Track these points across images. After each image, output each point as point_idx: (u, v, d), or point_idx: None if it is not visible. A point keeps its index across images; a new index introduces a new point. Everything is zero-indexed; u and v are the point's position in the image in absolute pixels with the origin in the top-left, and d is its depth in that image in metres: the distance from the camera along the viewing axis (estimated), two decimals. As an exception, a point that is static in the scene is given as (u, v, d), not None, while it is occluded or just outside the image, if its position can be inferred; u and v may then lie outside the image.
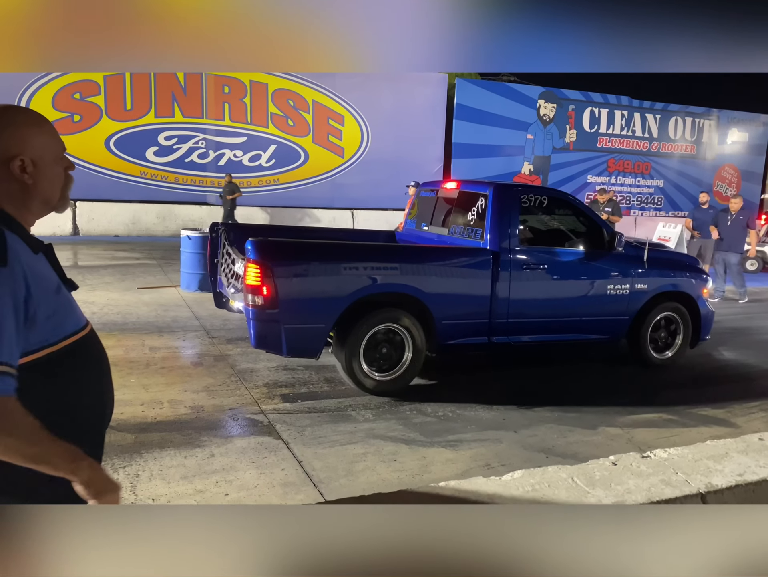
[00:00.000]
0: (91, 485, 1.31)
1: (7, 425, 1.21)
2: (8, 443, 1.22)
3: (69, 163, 1.44)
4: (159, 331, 6.29)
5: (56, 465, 1.28)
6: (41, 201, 1.40)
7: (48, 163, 1.38)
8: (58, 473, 1.30)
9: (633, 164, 19.64)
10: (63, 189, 1.44)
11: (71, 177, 1.46)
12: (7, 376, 1.22)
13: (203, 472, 3.49)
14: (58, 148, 1.41)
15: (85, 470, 1.30)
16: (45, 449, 1.27)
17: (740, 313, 9.16)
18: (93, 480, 1.31)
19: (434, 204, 6.26)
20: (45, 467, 1.28)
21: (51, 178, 1.40)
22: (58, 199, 1.44)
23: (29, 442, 1.24)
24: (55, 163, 1.40)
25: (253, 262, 4.41)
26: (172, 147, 14.75)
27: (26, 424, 1.24)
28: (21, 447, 1.24)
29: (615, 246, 5.59)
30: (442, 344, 5.10)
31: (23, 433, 1.23)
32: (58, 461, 1.28)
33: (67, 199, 1.46)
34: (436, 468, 3.72)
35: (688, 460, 2.10)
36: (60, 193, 1.43)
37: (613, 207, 10.69)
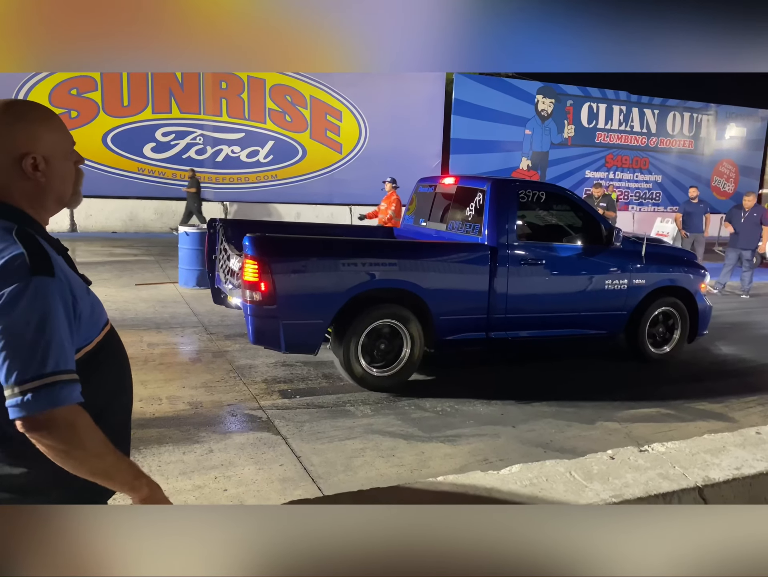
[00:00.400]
0: (149, 502, 1.32)
1: (80, 437, 1.20)
2: (80, 456, 1.21)
3: (78, 157, 1.40)
4: (157, 327, 6.29)
5: (120, 481, 1.28)
6: (55, 199, 1.37)
7: (59, 159, 1.34)
8: (117, 489, 1.30)
9: (631, 160, 19.65)
10: (75, 184, 1.40)
11: (81, 171, 1.43)
12: (75, 383, 1.21)
13: (202, 468, 3.49)
14: (67, 143, 1.37)
15: (145, 488, 1.31)
16: (111, 463, 1.26)
17: (738, 308, 9.18)
18: (151, 498, 1.32)
19: (432, 200, 6.25)
20: (109, 483, 1.28)
21: (63, 174, 1.36)
22: (71, 195, 1.40)
23: (98, 455, 1.23)
24: (66, 159, 1.36)
25: (251, 258, 4.40)
26: (170, 143, 14.72)
27: (96, 436, 1.23)
28: (91, 461, 1.23)
29: (613, 241, 5.60)
30: (440, 340, 5.11)
31: (94, 446, 1.23)
32: (123, 477, 1.28)
33: (79, 195, 1.43)
34: (435, 463, 3.72)
35: (686, 454, 2.11)
36: (72, 188, 1.40)
37: (608, 202, 10.70)
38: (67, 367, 1.20)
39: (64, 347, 1.21)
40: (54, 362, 1.18)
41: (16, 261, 1.19)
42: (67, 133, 1.37)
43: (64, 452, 1.20)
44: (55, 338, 1.19)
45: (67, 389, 1.19)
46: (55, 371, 1.18)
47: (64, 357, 1.21)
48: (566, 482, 1.86)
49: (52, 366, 1.18)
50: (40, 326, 1.18)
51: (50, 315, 1.19)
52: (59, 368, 1.19)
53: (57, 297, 1.22)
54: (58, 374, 1.18)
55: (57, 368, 1.18)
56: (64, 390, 1.18)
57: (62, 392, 1.18)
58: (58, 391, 1.18)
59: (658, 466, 1.99)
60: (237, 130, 15.22)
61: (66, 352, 1.22)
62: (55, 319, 1.20)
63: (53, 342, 1.19)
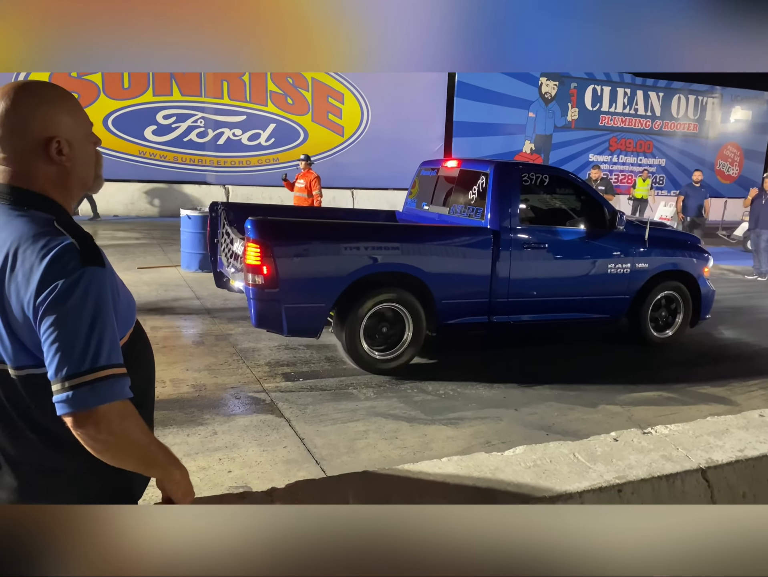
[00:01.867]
0: (180, 486, 1.32)
1: (130, 431, 1.19)
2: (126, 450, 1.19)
3: (97, 138, 1.34)
4: (160, 311, 6.30)
5: (157, 467, 1.27)
6: (80, 184, 1.32)
7: (82, 141, 1.29)
8: (151, 474, 1.29)
9: (635, 143, 19.49)
10: (96, 167, 1.35)
11: (100, 153, 1.37)
12: (126, 377, 1.19)
13: (206, 449, 3.51)
14: (87, 125, 1.31)
15: (176, 472, 1.30)
16: (152, 452, 1.25)
17: (741, 292, 9.16)
18: (182, 482, 1.32)
19: (435, 183, 6.22)
20: (147, 471, 1.28)
21: (86, 157, 1.31)
22: (93, 179, 1.36)
23: (143, 447, 1.22)
24: (87, 141, 1.31)
25: (253, 242, 4.39)
26: (171, 126, 14.61)
27: (142, 429, 1.22)
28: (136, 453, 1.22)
29: (616, 225, 5.58)
30: (442, 324, 5.11)
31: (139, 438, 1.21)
32: (160, 463, 1.27)
33: (101, 178, 1.37)
34: (437, 445, 3.74)
35: (689, 436, 2.11)
36: (94, 172, 1.35)
37: (606, 185, 10.64)
38: (119, 361, 1.18)
39: (115, 340, 1.18)
40: (107, 356, 1.15)
41: (67, 252, 1.15)
42: (85, 114, 1.32)
43: (112, 446, 1.17)
44: (107, 331, 1.16)
45: (120, 383, 1.17)
46: (107, 365, 1.15)
47: (116, 351, 1.18)
48: (570, 463, 1.87)
49: (105, 360, 1.15)
50: (94, 318, 1.15)
51: (103, 307, 1.16)
52: (111, 362, 1.16)
53: (107, 289, 1.19)
54: (110, 367, 1.16)
55: (110, 362, 1.16)
56: (117, 385, 1.16)
57: (116, 386, 1.16)
58: (111, 385, 1.15)
59: (661, 448, 2.00)
60: (238, 112, 15.11)
61: (117, 345, 1.19)
62: (108, 311, 1.17)
63: (106, 335, 1.16)
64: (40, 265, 1.13)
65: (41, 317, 1.13)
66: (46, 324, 1.13)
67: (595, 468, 1.84)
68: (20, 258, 1.15)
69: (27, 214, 1.21)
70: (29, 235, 1.17)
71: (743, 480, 1.95)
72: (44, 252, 1.14)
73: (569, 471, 1.81)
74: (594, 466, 1.85)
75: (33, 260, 1.14)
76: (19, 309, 1.15)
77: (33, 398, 1.22)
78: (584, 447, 1.99)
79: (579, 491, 1.71)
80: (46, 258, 1.14)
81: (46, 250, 1.15)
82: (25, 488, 1.29)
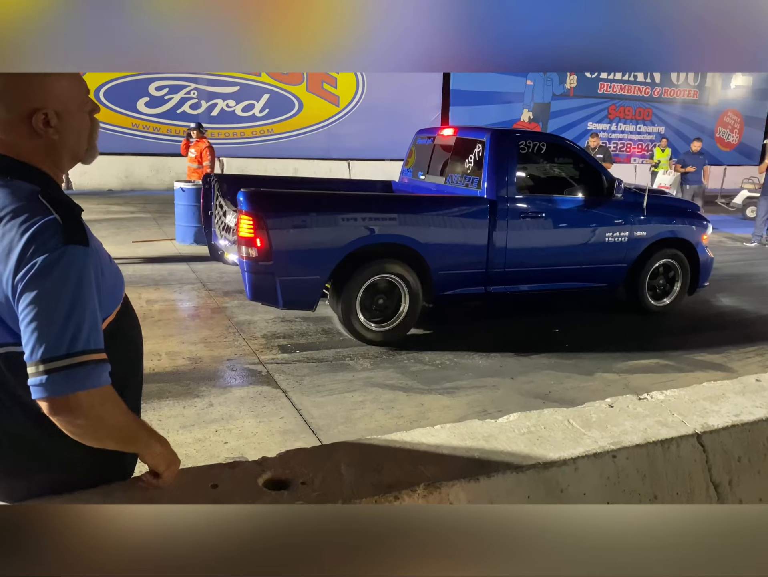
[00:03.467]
0: (163, 458, 1.31)
1: (108, 417, 1.16)
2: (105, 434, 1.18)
3: (93, 105, 1.27)
4: (155, 284, 6.26)
5: (137, 444, 1.26)
6: (70, 155, 1.26)
7: (73, 111, 1.21)
8: (132, 450, 1.28)
9: (634, 111, 19.25)
10: (90, 137, 1.29)
11: (97, 122, 1.29)
12: (106, 363, 1.15)
13: (202, 421, 3.51)
14: (81, 93, 1.23)
15: (156, 445, 1.29)
16: (132, 431, 1.24)
17: (740, 259, 9.13)
18: (163, 453, 1.31)
19: (431, 152, 6.13)
20: (128, 449, 1.27)
21: (78, 128, 1.24)
22: (86, 150, 1.29)
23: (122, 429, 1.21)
24: (80, 110, 1.23)
25: (246, 214, 4.34)
26: (163, 98, 14.39)
27: (122, 411, 1.20)
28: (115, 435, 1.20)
29: (614, 193, 5.52)
30: (438, 295, 5.08)
31: (119, 421, 1.19)
32: (140, 439, 1.26)
33: (95, 149, 1.31)
34: (434, 415, 3.75)
35: (685, 401, 2.10)
36: (87, 142, 1.28)
37: (605, 153, 10.52)
38: (98, 346, 1.13)
39: (95, 324, 1.13)
40: (85, 340, 1.10)
41: (49, 228, 1.10)
42: (81, 81, 1.24)
43: (90, 431, 1.15)
44: (87, 314, 1.11)
45: (98, 369, 1.12)
46: (86, 350, 1.10)
47: (95, 336, 1.13)
48: (564, 429, 1.85)
49: (84, 344, 1.10)
50: (74, 300, 1.10)
51: (84, 288, 1.11)
52: (90, 347, 1.11)
53: (90, 269, 1.13)
54: (89, 353, 1.11)
55: (88, 347, 1.11)
56: (95, 371, 1.12)
57: (93, 373, 1.11)
58: (89, 372, 1.11)
59: (656, 413, 1.99)
60: (231, 83, 14.87)
61: (98, 330, 1.14)
62: (89, 292, 1.12)
63: (86, 318, 1.11)
64: (20, 241, 1.09)
65: (19, 294, 1.09)
66: (24, 303, 1.08)
67: (589, 434, 1.82)
68: (0, 232, 1.10)
69: (10, 184, 1.16)
70: (10, 209, 1.12)
71: (739, 445, 1.94)
72: (25, 227, 1.10)
73: (563, 437, 1.79)
74: (588, 432, 1.84)
75: (13, 235, 1.10)
76: None
77: (14, 375, 1.19)
78: (579, 414, 1.97)
79: (573, 457, 1.69)
80: (27, 233, 1.09)
81: (28, 225, 1.10)
82: (12, 466, 1.27)
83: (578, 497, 1.68)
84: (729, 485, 1.91)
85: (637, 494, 1.76)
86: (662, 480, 1.80)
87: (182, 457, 1.41)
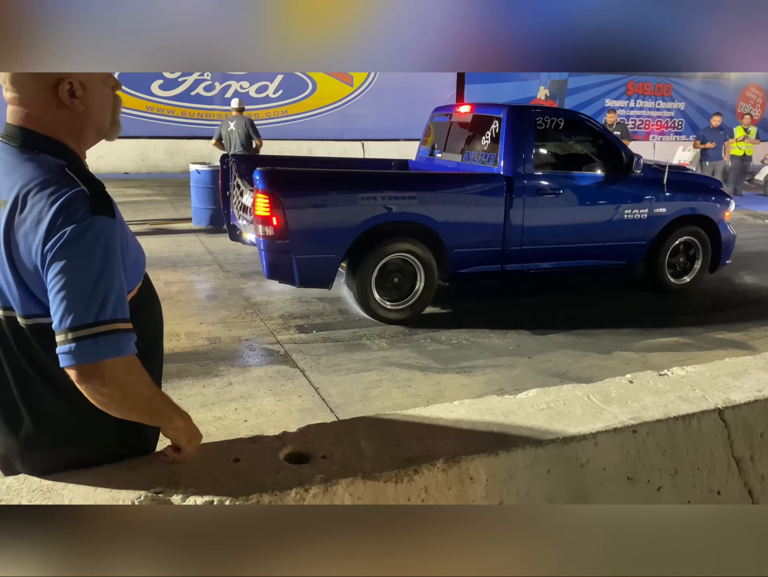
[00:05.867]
0: (185, 432, 1.33)
1: (135, 386, 1.18)
2: (130, 404, 1.19)
3: (116, 81, 1.27)
4: (173, 266, 6.31)
5: (161, 418, 1.27)
6: (95, 129, 1.26)
7: (97, 84, 1.21)
8: (156, 423, 1.29)
9: (653, 87, 18.85)
10: (113, 113, 1.28)
11: (120, 98, 1.31)
12: (132, 332, 1.16)
13: (222, 400, 3.55)
14: None
15: (178, 420, 1.30)
16: (156, 404, 1.25)
17: (762, 237, 8.97)
18: (185, 428, 1.32)
19: (448, 130, 6.07)
20: (152, 421, 1.28)
21: (102, 101, 1.24)
22: (110, 126, 1.29)
23: (147, 399, 1.22)
24: (104, 84, 1.24)
25: (262, 193, 4.35)
26: (177, 80, 14.36)
27: (147, 382, 1.21)
28: (140, 406, 1.21)
29: (633, 169, 5.43)
30: (454, 273, 5.07)
31: (144, 391, 1.21)
32: (164, 413, 1.27)
33: (118, 125, 1.31)
34: (450, 393, 3.75)
35: (706, 377, 2.08)
36: (111, 117, 1.28)
37: (622, 130, 10.34)
38: (125, 315, 1.15)
39: (122, 293, 1.15)
40: (113, 309, 1.12)
41: (77, 199, 1.11)
42: None
43: (117, 399, 1.16)
44: (115, 284, 1.13)
45: (125, 338, 1.14)
46: (113, 319, 1.12)
47: (122, 305, 1.15)
48: (584, 405, 1.84)
49: (111, 313, 1.12)
50: (102, 269, 1.11)
51: (112, 259, 1.13)
52: (117, 316, 1.13)
53: (117, 240, 1.15)
54: (116, 321, 1.12)
55: (116, 316, 1.12)
56: (122, 340, 1.13)
57: (121, 341, 1.13)
58: (117, 339, 1.12)
59: (677, 389, 1.97)
60: (245, 64, 14.78)
61: (124, 299, 1.16)
62: (116, 263, 1.14)
63: (113, 288, 1.12)
64: (49, 211, 1.10)
65: (48, 264, 1.10)
66: (53, 272, 1.10)
67: (609, 409, 1.81)
68: (29, 203, 1.11)
69: (37, 158, 1.16)
70: (39, 181, 1.13)
71: (761, 420, 1.92)
72: (54, 198, 1.11)
73: (583, 413, 1.78)
74: (608, 407, 1.83)
75: (42, 206, 1.10)
76: (27, 256, 1.12)
77: (42, 347, 1.20)
78: (598, 389, 1.96)
79: (593, 432, 1.68)
80: (56, 204, 1.10)
81: (56, 196, 1.11)
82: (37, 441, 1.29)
83: (598, 471, 1.68)
84: (751, 461, 1.90)
85: (657, 468, 1.75)
86: (683, 456, 1.79)
87: (203, 435, 1.43)
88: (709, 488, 1.82)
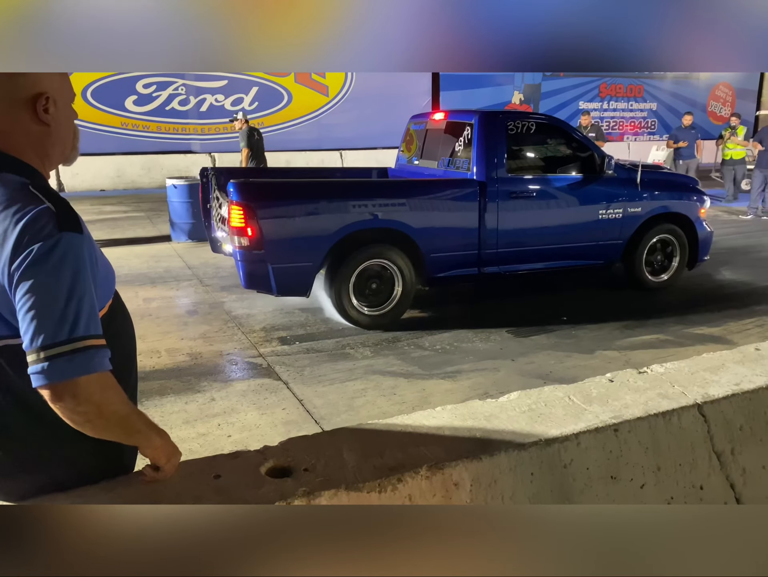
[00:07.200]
0: (163, 451, 1.30)
1: (110, 403, 1.15)
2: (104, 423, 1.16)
3: (74, 111, 1.29)
4: (152, 282, 6.25)
5: (137, 436, 1.25)
6: (60, 149, 1.25)
7: (66, 104, 1.23)
8: (132, 443, 1.26)
9: (625, 88, 19.16)
10: (74, 138, 1.30)
11: (77, 126, 1.31)
12: (106, 348, 1.14)
13: (205, 416, 3.51)
14: (72, 91, 1.26)
15: (156, 438, 1.28)
16: (133, 422, 1.22)
17: (737, 232, 9.13)
18: (163, 447, 1.30)
19: (424, 137, 6.10)
20: (128, 440, 1.25)
21: (68, 121, 1.25)
22: (70, 150, 1.30)
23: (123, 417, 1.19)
24: (71, 104, 1.26)
25: (236, 204, 4.35)
26: (152, 95, 14.28)
27: (122, 400, 1.18)
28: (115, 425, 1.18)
29: (605, 169, 5.49)
30: (432, 277, 5.10)
31: (120, 409, 1.18)
32: (140, 431, 1.24)
33: (77, 150, 1.31)
34: (436, 399, 3.75)
35: (685, 373, 2.10)
36: (72, 140, 1.29)
37: (597, 132, 10.48)
38: (97, 332, 1.12)
39: (94, 310, 1.13)
40: (85, 326, 1.10)
41: (43, 216, 1.09)
42: (69, 80, 1.27)
43: (92, 418, 1.13)
44: (86, 300, 1.11)
45: (100, 354, 1.11)
46: (87, 335, 1.10)
47: (95, 321, 1.12)
48: (565, 406, 1.85)
49: (84, 330, 1.09)
50: (72, 285, 1.09)
51: (81, 275, 1.11)
52: (90, 332, 1.10)
53: (86, 256, 1.13)
54: (89, 338, 1.10)
55: (88, 332, 1.10)
56: (96, 356, 1.11)
57: (95, 357, 1.10)
58: (91, 356, 1.10)
59: (657, 386, 1.99)
60: (219, 78, 14.75)
61: (96, 315, 1.13)
62: (86, 279, 1.12)
63: (84, 304, 1.10)
64: (14, 229, 1.07)
65: (16, 283, 1.07)
66: (22, 291, 1.07)
67: (590, 409, 1.82)
68: None
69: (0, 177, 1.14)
70: (2, 199, 1.11)
71: (740, 414, 1.94)
72: (19, 216, 1.08)
73: (564, 414, 1.79)
74: (589, 407, 1.84)
75: (7, 224, 1.08)
76: None
77: (13, 369, 1.18)
78: (579, 389, 1.97)
79: (575, 432, 1.69)
80: (21, 222, 1.08)
81: (21, 214, 1.08)
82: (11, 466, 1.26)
83: (582, 471, 1.68)
84: (732, 454, 1.91)
85: (640, 466, 1.76)
86: (665, 452, 1.81)
87: (186, 452, 1.41)
88: (691, 483, 1.83)
